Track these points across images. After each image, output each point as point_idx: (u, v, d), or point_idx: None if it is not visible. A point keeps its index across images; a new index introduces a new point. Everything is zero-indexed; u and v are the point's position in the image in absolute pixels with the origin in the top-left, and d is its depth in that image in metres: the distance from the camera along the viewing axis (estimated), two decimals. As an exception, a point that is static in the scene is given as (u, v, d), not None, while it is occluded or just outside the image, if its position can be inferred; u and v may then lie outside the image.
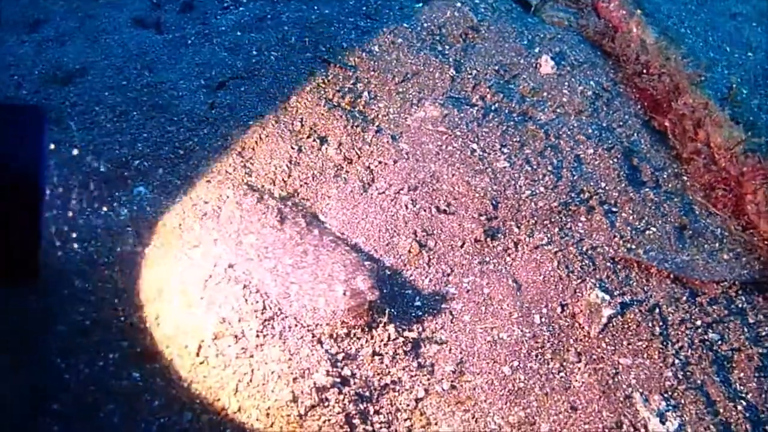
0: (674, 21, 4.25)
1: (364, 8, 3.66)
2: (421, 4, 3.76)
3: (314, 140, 2.74)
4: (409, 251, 2.42)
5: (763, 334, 2.35)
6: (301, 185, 2.59)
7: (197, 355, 1.96)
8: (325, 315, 2.13)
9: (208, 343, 1.97)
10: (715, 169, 2.82)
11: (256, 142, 2.67)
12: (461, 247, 2.47)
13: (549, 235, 2.54)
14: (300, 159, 2.66)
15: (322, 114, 2.82)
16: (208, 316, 2.02)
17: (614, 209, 2.69)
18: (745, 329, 2.34)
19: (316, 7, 3.54)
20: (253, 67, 2.95)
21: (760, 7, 4.85)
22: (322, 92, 2.93)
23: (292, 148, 2.68)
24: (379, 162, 2.71)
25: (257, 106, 2.76)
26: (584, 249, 2.50)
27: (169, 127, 2.67)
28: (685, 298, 2.40)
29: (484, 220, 2.55)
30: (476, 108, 3.01)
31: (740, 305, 2.43)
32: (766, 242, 2.59)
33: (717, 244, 2.62)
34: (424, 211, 2.55)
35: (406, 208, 2.55)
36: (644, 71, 3.27)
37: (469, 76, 3.22)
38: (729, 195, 2.74)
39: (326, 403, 1.92)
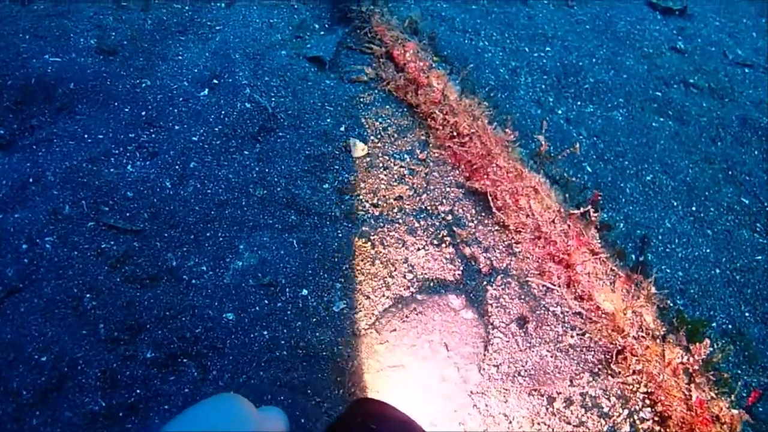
0: (471, 35, 4.13)
1: (144, 113, 3.23)
2: (206, 91, 3.38)
3: (126, 349, 2.41)
4: None
5: (618, 420, 2.44)
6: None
7: None
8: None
9: None
10: (542, 242, 2.81)
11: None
12: (317, 424, 2.33)
13: (402, 380, 2.45)
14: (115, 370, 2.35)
15: (124, 306, 2.47)
16: None
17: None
18: (603, 422, 2.42)
19: (86, 136, 3.06)
20: (28, 271, 2.49)
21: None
22: (119, 273, 2.56)
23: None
24: (211, 346, 2.45)
25: (46, 329, 2.35)
26: (440, 389, 2.44)
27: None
28: (544, 409, 2.43)
29: (333, 385, 2.40)
30: (296, 237, 2.78)
31: (593, 394, 2.50)
32: (601, 313, 2.65)
33: (560, 328, 2.65)
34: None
35: (249, 395, 2.35)
36: (455, 134, 3.14)
37: (279, 189, 2.95)
38: (561, 267, 2.76)
39: None
